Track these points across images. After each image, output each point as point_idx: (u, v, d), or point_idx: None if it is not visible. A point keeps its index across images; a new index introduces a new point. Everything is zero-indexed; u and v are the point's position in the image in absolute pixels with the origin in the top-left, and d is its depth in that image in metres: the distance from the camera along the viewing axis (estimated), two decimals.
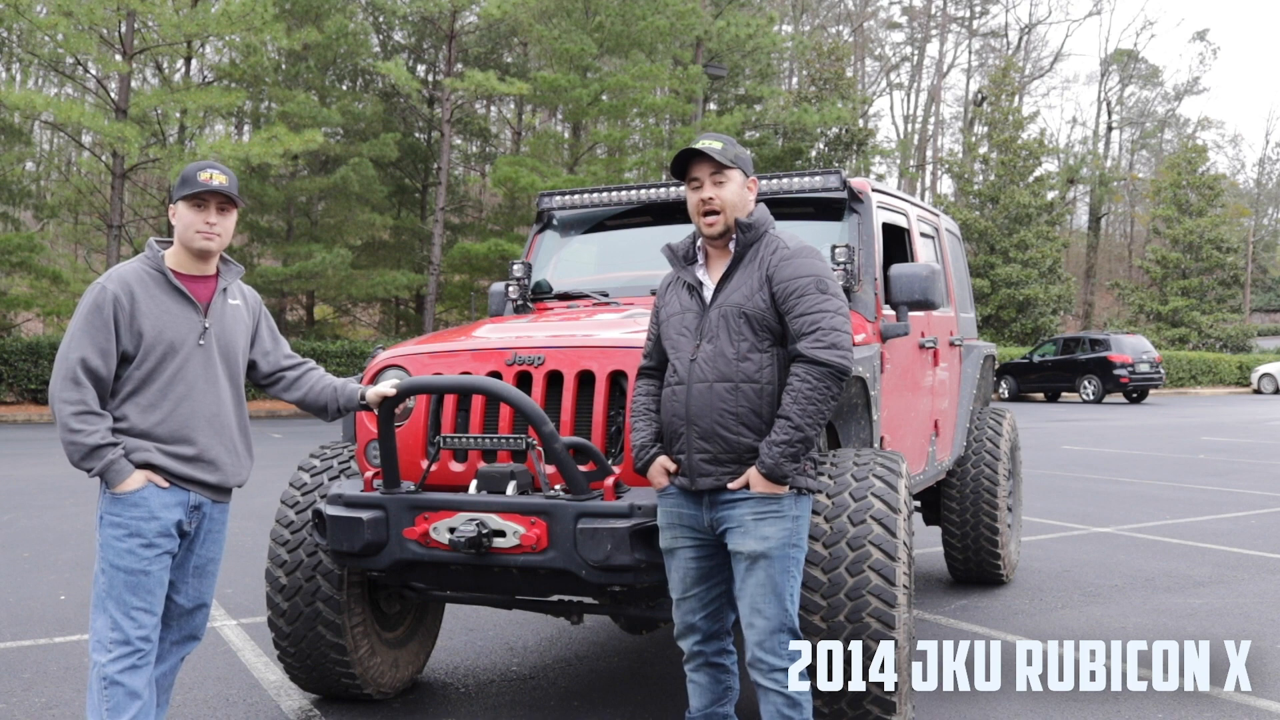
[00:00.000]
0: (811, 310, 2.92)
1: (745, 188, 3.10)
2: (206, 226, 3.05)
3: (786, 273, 2.96)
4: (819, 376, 2.87)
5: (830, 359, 2.88)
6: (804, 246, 3.04)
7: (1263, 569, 6.76)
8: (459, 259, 25.70)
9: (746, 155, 3.16)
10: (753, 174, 3.15)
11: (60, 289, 21.49)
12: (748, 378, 2.94)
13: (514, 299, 4.92)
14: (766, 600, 2.92)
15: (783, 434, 2.87)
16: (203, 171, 3.05)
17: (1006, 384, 29.08)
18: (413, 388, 3.32)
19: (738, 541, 2.94)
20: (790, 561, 2.94)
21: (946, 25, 55.97)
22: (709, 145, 3.06)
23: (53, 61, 22.82)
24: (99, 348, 2.94)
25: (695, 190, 3.08)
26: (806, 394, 2.86)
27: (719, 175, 3.05)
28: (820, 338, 2.89)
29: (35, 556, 6.81)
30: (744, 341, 2.96)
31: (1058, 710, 4.08)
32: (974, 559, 6.02)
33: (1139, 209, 55.04)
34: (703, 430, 2.96)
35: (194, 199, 3.04)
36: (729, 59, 30.51)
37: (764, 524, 2.91)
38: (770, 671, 2.95)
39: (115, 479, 2.95)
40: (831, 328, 2.90)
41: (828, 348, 2.88)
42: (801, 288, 2.94)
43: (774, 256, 3.00)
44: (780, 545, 2.92)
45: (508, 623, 5.32)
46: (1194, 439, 16.65)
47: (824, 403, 2.88)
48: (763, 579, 2.92)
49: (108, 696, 2.95)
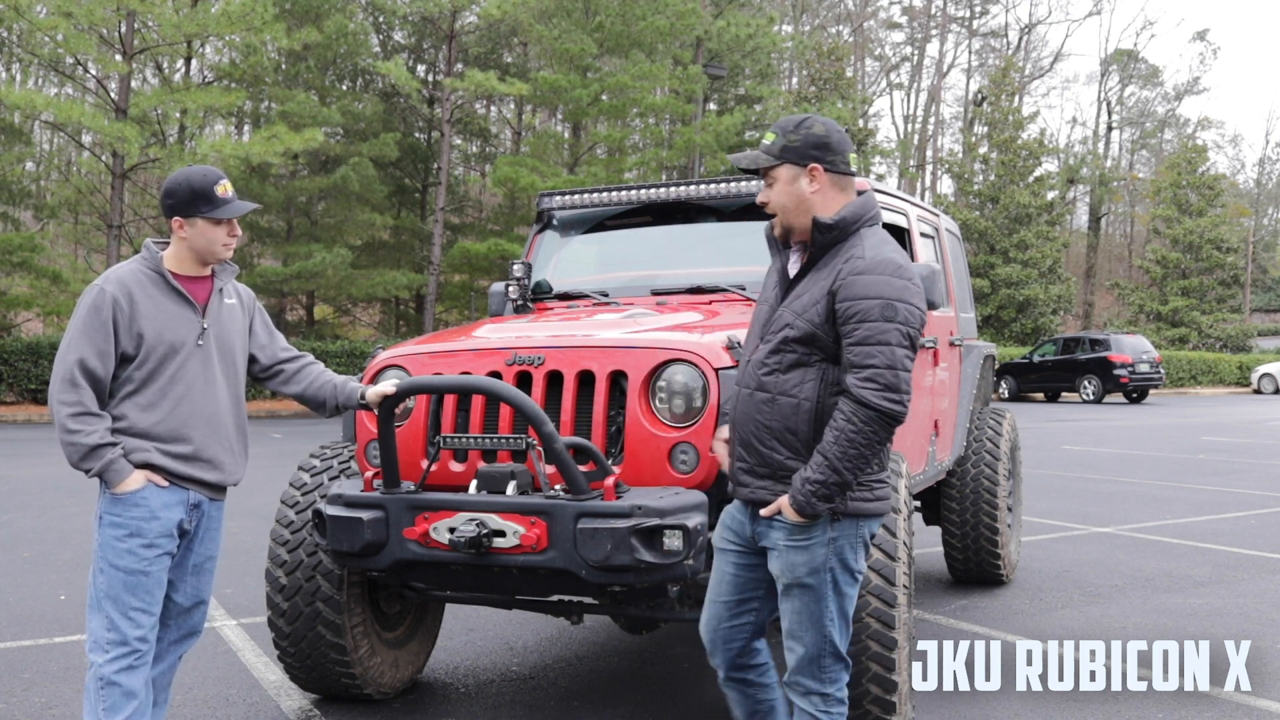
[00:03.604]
0: (869, 340, 2.58)
1: (803, 180, 2.73)
2: (231, 239, 3.09)
3: (853, 291, 2.61)
4: (865, 420, 2.57)
5: (881, 404, 2.56)
6: (882, 260, 2.64)
7: (1263, 569, 6.76)
8: (459, 259, 25.70)
9: (806, 140, 2.73)
10: (814, 161, 2.72)
11: (60, 289, 21.48)
12: (785, 391, 2.70)
13: (514, 299, 4.92)
14: (803, 628, 2.75)
15: (818, 473, 2.61)
16: (218, 185, 3.05)
17: (1006, 384, 29.08)
18: (413, 388, 3.32)
19: (772, 564, 2.78)
20: (827, 586, 2.72)
21: (946, 25, 55.97)
22: (752, 151, 2.79)
23: (53, 61, 22.80)
24: (97, 349, 2.94)
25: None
26: (850, 435, 2.58)
27: (767, 176, 2.78)
28: (874, 377, 2.56)
29: (35, 556, 6.81)
30: (790, 353, 2.71)
31: (1058, 710, 4.08)
32: (974, 559, 6.02)
33: (1139, 209, 55.04)
34: (741, 438, 2.81)
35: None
36: (729, 59, 30.52)
37: (795, 553, 2.72)
38: (806, 694, 2.79)
39: (115, 479, 2.95)
40: (888, 365, 2.56)
41: (881, 389, 2.56)
42: (864, 311, 2.59)
43: (846, 267, 2.65)
44: (813, 572, 2.71)
45: (508, 623, 5.32)
46: (1194, 439, 16.65)
47: (868, 447, 2.59)
48: (799, 606, 2.74)
49: (104, 696, 2.95)
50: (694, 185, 4.99)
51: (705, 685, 4.36)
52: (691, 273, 4.83)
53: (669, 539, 3.14)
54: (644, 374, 3.42)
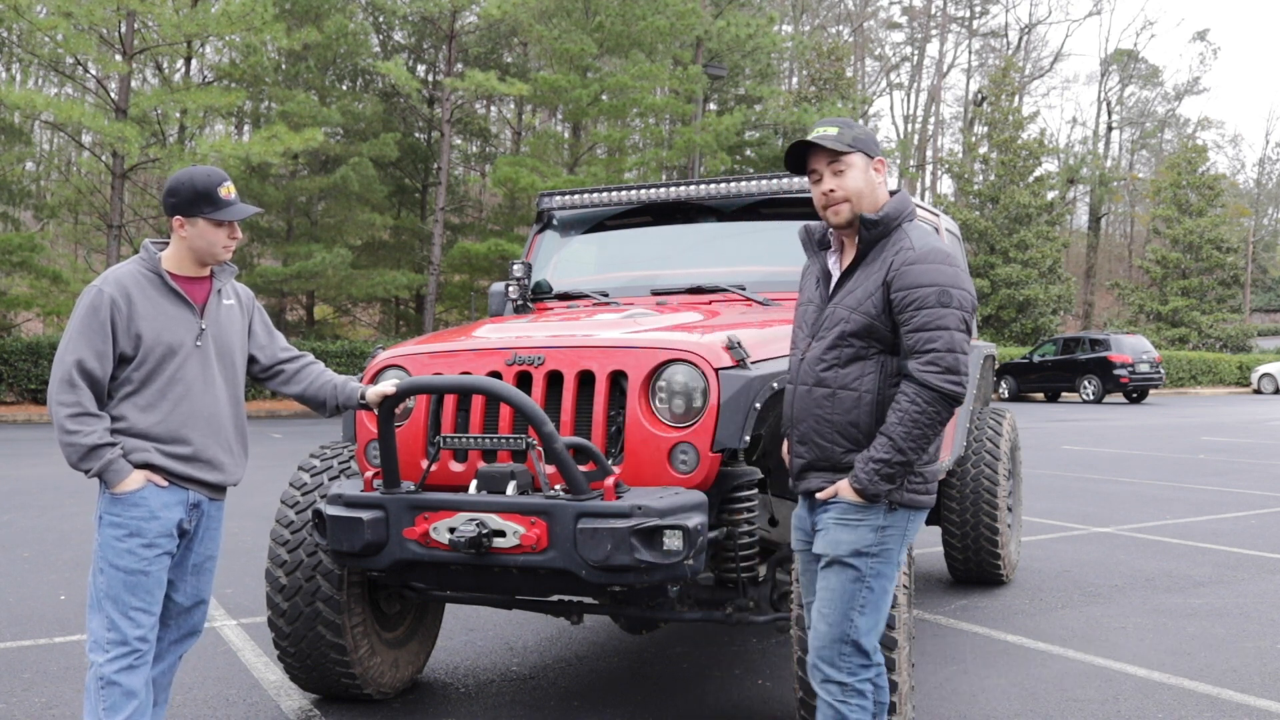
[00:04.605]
0: (928, 326, 2.67)
1: (872, 170, 2.84)
2: (231, 241, 3.10)
3: (907, 280, 2.70)
4: (929, 401, 2.65)
5: (943, 385, 2.65)
6: (932, 249, 2.74)
7: (1263, 569, 6.76)
8: (459, 259, 25.71)
9: (869, 135, 2.87)
10: (878, 154, 2.88)
11: (60, 289, 21.50)
12: (845, 385, 2.76)
13: (514, 299, 4.92)
14: (831, 605, 2.76)
15: (883, 452, 2.67)
16: (221, 187, 3.04)
17: (1006, 384, 29.10)
18: (413, 388, 3.32)
19: (818, 543, 2.81)
20: (866, 570, 2.74)
21: (946, 25, 55.99)
22: (823, 133, 2.81)
23: (53, 61, 22.82)
24: (95, 351, 2.94)
25: (816, 184, 2.85)
26: (914, 416, 2.65)
27: (837, 164, 2.81)
28: (935, 360, 2.65)
29: (35, 556, 6.81)
30: (848, 347, 2.76)
31: (1058, 710, 4.08)
32: (974, 559, 6.02)
33: (1139, 209, 55.09)
34: (801, 434, 2.84)
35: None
36: (729, 59, 30.55)
37: (843, 529, 2.74)
38: (824, 681, 2.78)
39: (114, 479, 2.95)
40: (948, 349, 2.65)
41: (942, 372, 2.65)
42: (921, 298, 2.68)
43: (898, 258, 2.73)
44: (854, 553, 2.73)
45: (508, 623, 5.33)
46: (1194, 439, 16.65)
47: (930, 428, 2.66)
48: (832, 583, 2.76)
49: (104, 696, 2.95)
50: (694, 185, 4.99)
51: (705, 685, 4.36)
52: (691, 273, 4.83)
53: (669, 539, 3.14)
54: (644, 374, 3.42)
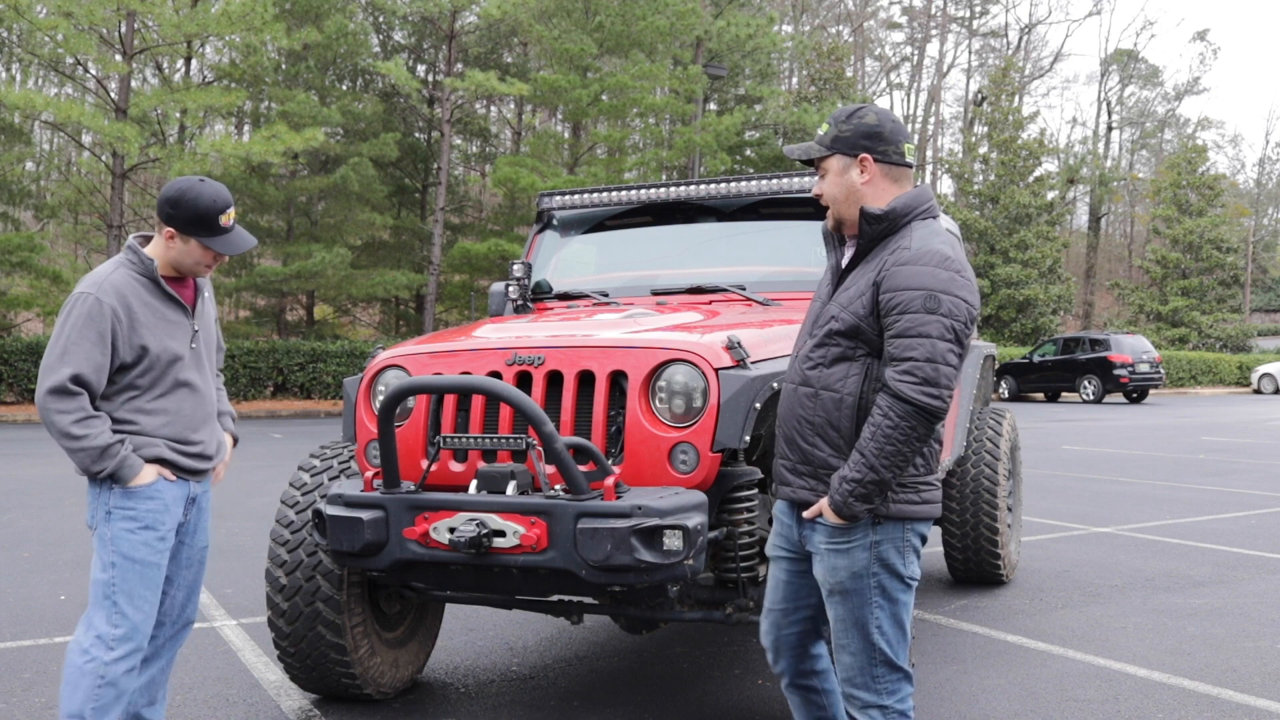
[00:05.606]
0: (909, 332, 2.50)
1: (854, 171, 2.68)
2: (215, 264, 3.13)
3: (895, 282, 2.54)
4: (903, 415, 2.48)
5: (917, 397, 2.47)
6: (928, 251, 2.56)
7: (1263, 569, 6.76)
8: (459, 259, 25.71)
9: (856, 130, 2.69)
10: (862, 151, 2.67)
11: (60, 289, 21.50)
12: (828, 386, 2.63)
13: (514, 299, 4.92)
14: (849, 635, 2.66)
15: (855, 471, 2.52)
16: (223, 215, 3.02)
17: (1006, 384, 29.10)
18: (412, 388, 3.32)
19: (816, 569, 2.71)
20: (872, 591, 2.62)
21: (946, 25, 55.99)
22: (804, 143, 2.76)
23: (53, 61, 22.82)
24: (94, 363, 2.92)
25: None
26: (887, 431, 2.48)
27: (820, 167, 2.74)
28: (912, 370, 2.48)
29: (35, 556, 6.81)
30: (835, 346, 2.64)
31: (1057, 710, 4.08)
32: (974, 559, 6.02)
33: (1139, 209, 55.10)
34: (784, 435, 2.73)
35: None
36: (729, 59, 30.55)
37: (835, 556, 2.63)
38: (865, 708, 2.67)
39: (129, 474, 2.96)
40: (927, 359, 2.47)
41: (918, 383, 2.47)
42: (905, 302, 2.51)
43: (891, 258, 2.58)
44: (854, 577, 2.62)
45: (508, 623, 5.33)
46: (1194, 439, 16.65)
47: (906, 444, 2.49)
48: (842, 614, 2.66)
49: (99, 695, 2.93)
50: (694, 185, 4.99)
51: (705, 685, 4.36)
52: (691, 273, 4.83)
53: (669, 539, 3.13)
54: (644, 374, 3.42)
